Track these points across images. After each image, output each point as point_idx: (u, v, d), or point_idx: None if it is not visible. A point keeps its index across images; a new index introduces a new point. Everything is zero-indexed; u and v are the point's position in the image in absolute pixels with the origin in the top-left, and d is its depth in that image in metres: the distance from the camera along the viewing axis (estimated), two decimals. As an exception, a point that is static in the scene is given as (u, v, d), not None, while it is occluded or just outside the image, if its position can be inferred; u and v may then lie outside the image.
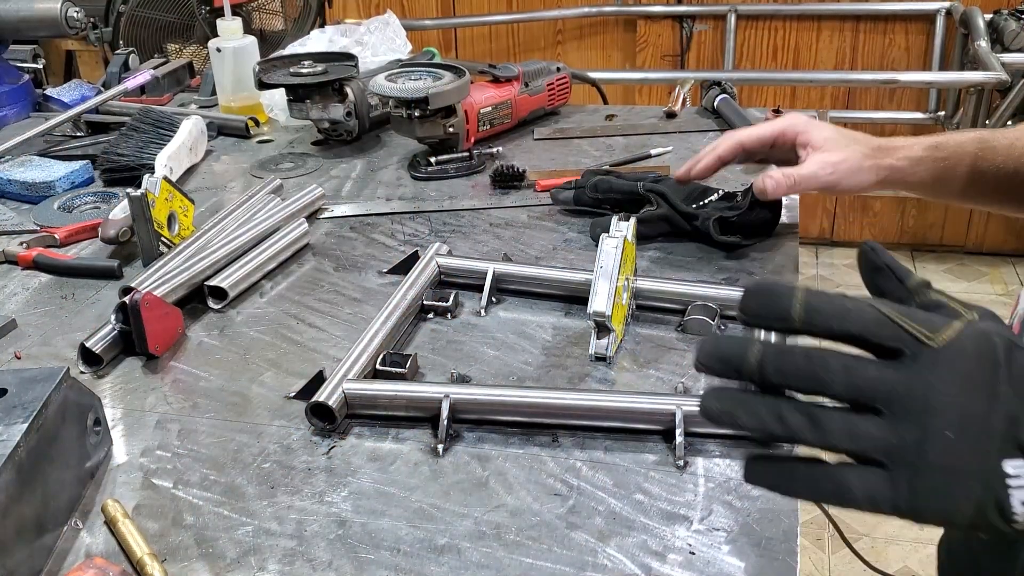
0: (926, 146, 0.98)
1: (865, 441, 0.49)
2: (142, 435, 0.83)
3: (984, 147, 0.96)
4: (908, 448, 0.49)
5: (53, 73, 2.95)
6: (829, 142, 0.98)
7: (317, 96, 1.45)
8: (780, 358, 0.50)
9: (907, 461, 0.49)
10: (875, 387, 0.49)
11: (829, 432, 0.49)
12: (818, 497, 0.51)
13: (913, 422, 0.49)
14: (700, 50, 3.63)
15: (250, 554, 0.69)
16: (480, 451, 0.78)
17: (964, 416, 0.49)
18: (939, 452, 0.49)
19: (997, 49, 2.89)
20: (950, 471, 0.49)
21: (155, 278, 1.00)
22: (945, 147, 0.97)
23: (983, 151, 0.95)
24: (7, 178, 1.36)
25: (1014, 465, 0.48)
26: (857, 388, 0.49)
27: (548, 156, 1.43)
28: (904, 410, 0.49)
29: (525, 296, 1.02)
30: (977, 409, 0.49)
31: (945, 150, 0.97)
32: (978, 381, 0.49)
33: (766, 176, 0.98)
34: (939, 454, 0.49)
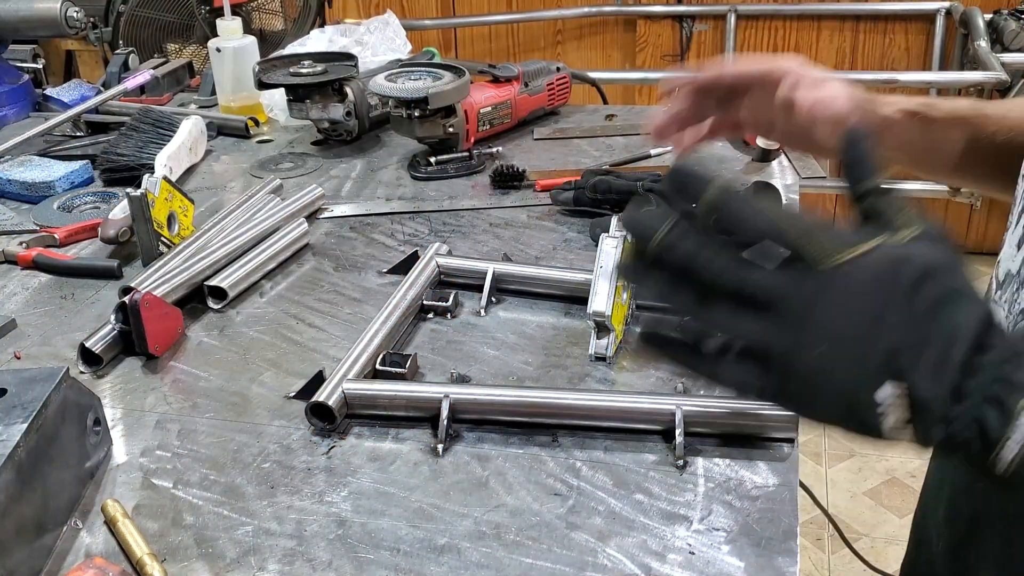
0: (919, 102, 0.91)
1: (743, 331, 0.53)
2: (142, 435, 0.83)
3: (978, 114, 0.90)
4: (781, 351, 0.52)
5: (53, 73, 2.95)
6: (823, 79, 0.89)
7: (317, 96, 1.45)
8: (680, 243, 0.54)
9: (778, 363, 0.52)
10: (763, 290, 0.52)
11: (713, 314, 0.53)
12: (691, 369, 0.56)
13: (790, 328, 0.52)
14: (700, 50, 3.63)
15: (250, 554, 0.69)
16: (480, 451, 0.78)
17: (840, 337, 0.51)
18: (808, 364, 0.51)
19: (997, 49, 2.89)
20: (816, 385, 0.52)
21: (155, 278, 1.00)
22: (939, 108, 0.91)
23: (977, 118, 0.90)
24: (7, 178, 1.36)
25: (882, 395, 0.50)
26: (745, 285, 0.52)
27: (548, 156, 1.43)
28: (785, 315, 0.52)
29: (525, 296, 1.02)
30: (854, 332, 0.51)
31: (939, 110, 0.90)
32: (863, 306, 0.51)
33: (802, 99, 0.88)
34: (808, 366, 0.52)
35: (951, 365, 0.49)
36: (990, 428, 0.48)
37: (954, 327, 0.50)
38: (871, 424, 0.51)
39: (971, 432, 0.49)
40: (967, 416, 0.49)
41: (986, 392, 0.49)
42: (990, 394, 0.49)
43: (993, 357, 0.50)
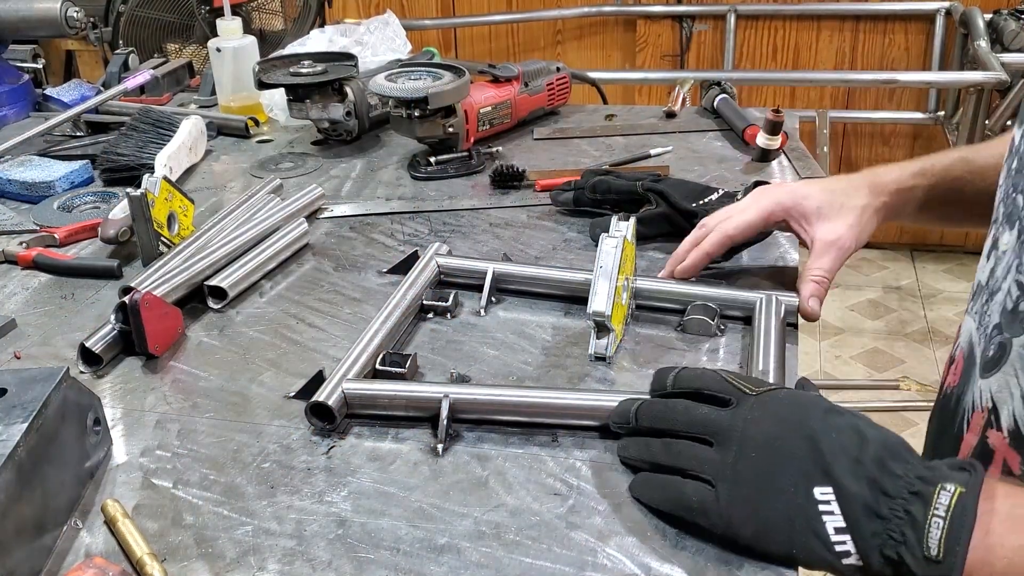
0: (913, 173, 0.94)
1: (697, 461, 0.66)
2: (142, 435, 0.83)
3: (969, 168, 0.93)
4: (727, 466, 0.65)
5: (53, 73, 2.96)
6: (824, 208, 0.92)
7: (317, 96, 1.45)
8: (646, 407, 0.73)
9: (726, 476, 0.64)
10: (706, 423, 0.68)
11: (673, 454, 0.68)
12: (665, 503, 0.68)
13: (731, 447, 0.65)
14: (700, 50, 3.63)
15: (250, 554, 0.69)
16: (480, 451, 0.78)
17: (769, 440, 0.64)
18: (749, 469, 0.64)
19: (997, 49, 2.89)
20: (758, 487, 0.63)
21: (155, 278, 1.00)
22: (931, 172, 0.93)
23: (969, 174, 0.92)
24: (7, 178, 1.36)
25: (822, 491, 0.60)
26: (693, 423, 0.68)
27: (548, 156, 1.43)
28: (726, 439, 0.66)
29: (525, 296, 1.02)
30: (781, 435, 0.64)
31: (931, 175, 0.93)
32: (785, 416, 0.65)
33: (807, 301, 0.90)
34: (749, 470, 0.64)
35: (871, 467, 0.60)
36: (916, 515, 0.58)
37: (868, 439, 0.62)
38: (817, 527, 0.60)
39: (904, 522, 0.58)
40: (899, 508, 0.58)
41: (910, 488, 0.59)
42: (915, 490, 0.59)
43: (915, 465, 0.60)
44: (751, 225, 0.95)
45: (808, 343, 3.07)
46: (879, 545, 0.59)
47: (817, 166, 1.34)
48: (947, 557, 0.56)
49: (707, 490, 0.65)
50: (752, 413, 0.66)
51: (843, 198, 0.93)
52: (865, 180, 0.94)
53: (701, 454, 0.67)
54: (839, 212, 0.92)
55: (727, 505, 0.64)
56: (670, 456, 0.69)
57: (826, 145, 2.53)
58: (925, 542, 0.57)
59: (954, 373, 0.84)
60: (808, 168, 1.33)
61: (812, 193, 0.94)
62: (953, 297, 3.35)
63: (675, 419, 0.70)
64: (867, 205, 0.92)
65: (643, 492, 0.71)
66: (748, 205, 0.96)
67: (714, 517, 0.65)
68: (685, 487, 0.67)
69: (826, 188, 0.95)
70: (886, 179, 0.94)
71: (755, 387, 0.69)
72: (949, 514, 0.57)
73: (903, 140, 3.60)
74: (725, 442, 0.66)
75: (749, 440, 0.65)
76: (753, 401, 0.67)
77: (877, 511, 0.59)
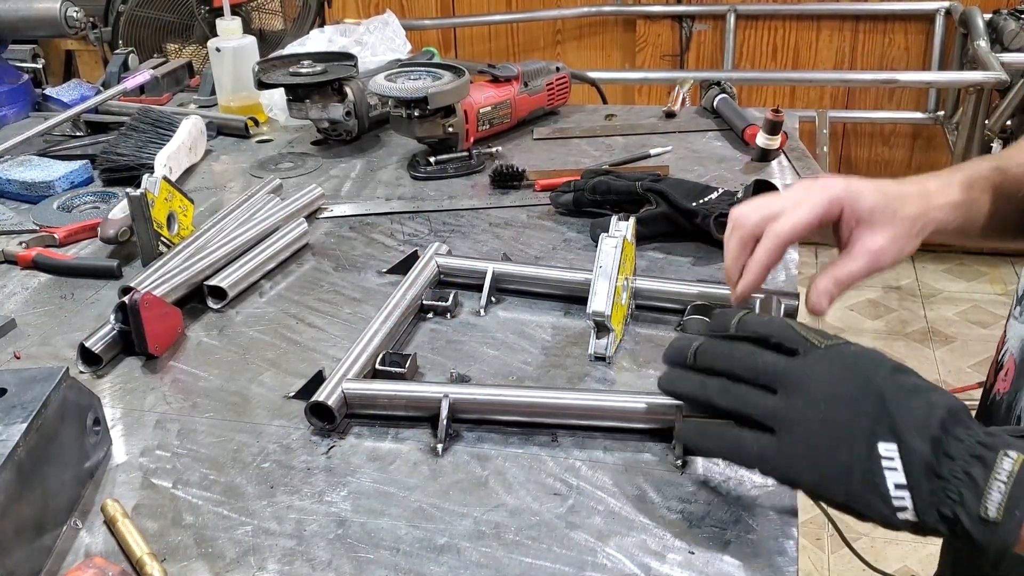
0: (961, 185, 0.85)
1: (758, 407, 0.65)
2: (141, 435, 0.83)
3: (1005, 178, 0.87)
4: (789, 416, 0.64)
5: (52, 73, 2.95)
6: (876, 212, 0.82)
7: (316, 96, 1.45)
8: (708, 346, 0.70)
9: (787, 426, 0.64)
10: (769, 368, 0.66)
11: (734, 396, 0.66)
12: (721, 451, 0.69)
13: (795, 397, 0.64)
14: (699, 50, 3.63)
15: (249, 554, 0.69)
16: (479, 451, 0.78)
17: (837, 392, 0.63)
18: (814, 418, 0.63)
19: (996, 49, 2.89)
20: (822, 436, 0.63)
21: (154, 278, 1.00)
22: (976, 183, 0.86)
23: (1005, 183, 0.87)
24: (6, 178, 1.36)
25: (887, 447, 0.61)
26: (756, 368, 0.66)
27: (547, 156, 1.43)
28: (789, 388, 0.65)
29: (524, 296, 1.02)
30: (848, 390, 0.63)
31: (976, 187, 0.86)
32: (853, 371, 0.64)
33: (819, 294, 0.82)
34: (814, 420, 0.63)
35: (934, 427, 0.60)
36: (977, 477, 0.58)
37: (934, 400, 0.62)
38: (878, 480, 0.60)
39: (963, 483, 0.59)
40: (959, 470, 0.59)
41: (972, 452, 0.59)
42: (976, 453, 0.59)
43: (976, 431, 0.61)
44: (809, 224, 0.81)
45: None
46: (936, 503, 0.60)
47: (817, 166, 1.34)
48: (1005, 520, 0.58)
49: (767, 438, 0.65)
50: (820, 365, 0.65)
51: (897, 203, 0.83)
52: (915, 189, 0.85)
53: (764, 400, 0.65)
54: (890, 220, 0.82)
55: (788, 453, 0.64)
56: (730, 398, 0.67)
57: (826, 145, 2.53)
58: (984, 504, 0.58)
59: (1004, 379, 0.82)
60: (808, 168, 1.33)
61: (865, 192, 0.83)
62: (953, 297, 3.35)
63: (740, 362, 0.68)
64: (918, 216, 0.83)
65: (697, 439, 0.70)
66: (799, 199, 0.82)
67: (773, 465, 0.65)
68: (744, 435, 0.66)
69: (879, 189, 0.84)
70: (934, 191, 0.85)
71: (823, 339, 0.67)
72: (1012, 480, 0.58)
73: (903, 140, 3.60)
74: (791, 391, 0.65)
75: (816, 390, 0.64)
76: (822, 353, 0.66)
77: (938, 471, 0.60)
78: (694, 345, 0.71)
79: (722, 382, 0.68)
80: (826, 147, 2.52)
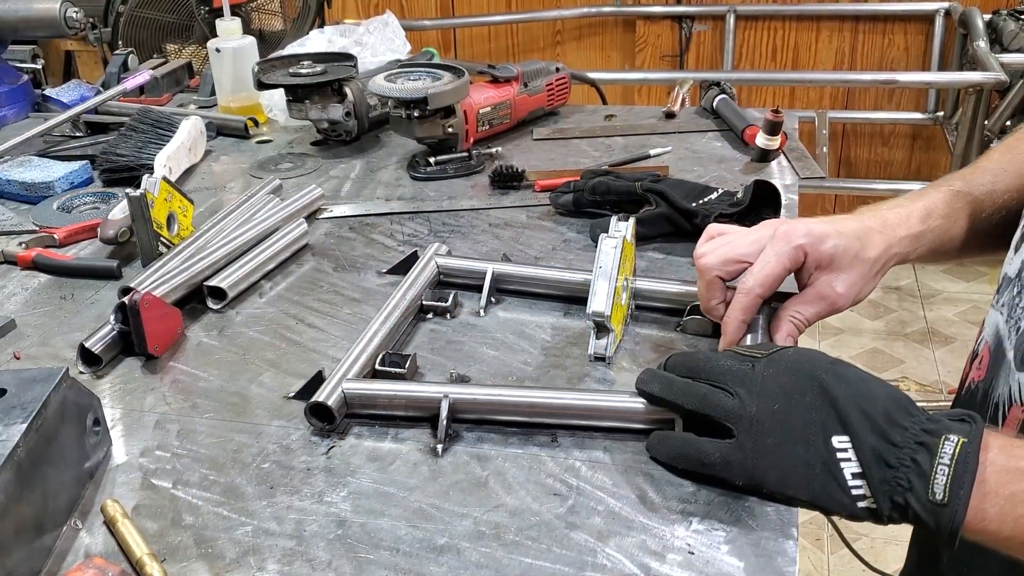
0: (920, 217, 0.88)
1: (718, 407, 0.70)
2: (141, 435, 0.83)
3: (969, 201, 0.89)
4: (747, 416, 0.68)
5: (52, 73, 2.96)
6: (837, 256, 0.84)
7: (316, 96, 1.45)
8: (676, 358, 0.77)
9: (747, 427, 0.68)
10: (728, 372, 0.72)
11: (697, 397, 0.72)
12: (685, 461, 0.72)
13: (751, 398, 0.69)
14: (699, 50, 3.63)
15: (249, 554, 0.69)
16: (479, 451, 0.78)
17: (787, 392, 0.68)
18: (770, 420, 0.68)
19: (996, 49, 2.89)
20: (779, 436, 0.67)
21: (154, 278, 1.00)
22: (936, 213, 0.89)
23: (969, 205, 0.89)
24: (6, 178, 1.36)
25: (840, 439, 0.65)
26: (716, 370, 0.72)
27: (547, 156, 1.43)
28: (746, 391, 0.70)
29: (524, 296, 1.02)
30: (796, 387, 0.68)
31: (937, 216, 0.88)
32: (796, 369, 0.69)
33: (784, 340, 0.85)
34: (770, 421, 0.68)
35: (880, 418, 0.65)
36: (922, 463, 0.63)
37: (876, 392, 0.67)
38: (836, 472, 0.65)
39: (910, 470, 0.63)
40: (906, 457, 0.63)
41: (916, 439, 0.64)
42: (920, 440, 0.63)
43: (919, 417, 0.65)
44: (778, 277, 0.84)
45: (807, 343, 3.06)
46: (889, 491, 0.63)
47: (816, 166, 1.35)
48: (951, 501, 0.62)
49: (727, 444, 0.69)
50: (767, 369, 0.70)
51: (857, 245, 0.85)
52: (875, 224, 0.87)
53: (721, 400, 0.70)
54: (850, 264, 0.84)
55: (751, 455, 0.68)
56: (693, 398, 0.72)
57: (825, 145, 2.53)
58: (931, 488, 0.62)
59: (979, 368, 0.84)
60: (807, 168, 1.33)
61: (828, 235, 0.84)
62: (952, 297, 3.35)
63: (699, 366, 0.74)
64: (878, 258, 0.85)
65: (660, 450, 0.75)
66: (764, 253, 0.84)
67: (737, 468, 0.69)
68: (703, 444, 0.70)
69: (840, 231, 0.85)
70: (894, 223, 0.87)
71: (765, 351, 0.73)
72: (953, 462, 0.62)
73: (902, 140, 3.60)
74: (746, 394, 0.69)
75: (767, 393, 0.69)
76: (766, 360, 0.71)
77: (887, 460, 0.64)
78: (660, 362, 0.79)
79: (686, 383, 0.74)
80: (826, 147, 2.52)
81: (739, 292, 0.85)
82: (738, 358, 0.73)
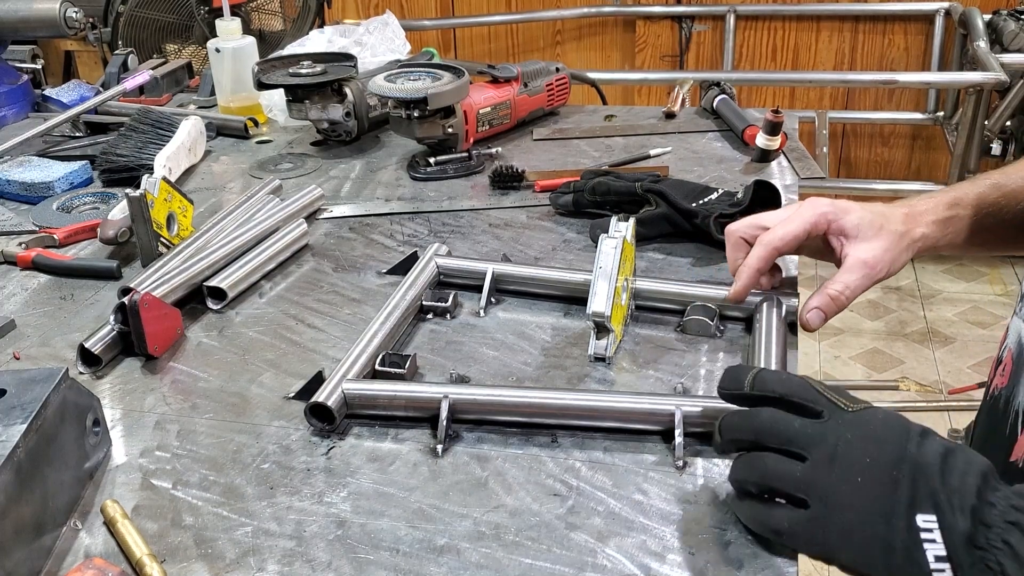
0: (947, 204, 0.90)
1: (785, 478, 0.63)
2: (141, 436, 0.83)
3: (1003, 193, 0.90)
4: (822, 487, 0.62)
5: (52, 73, 2.96)
6: (863, 227, 0.87)
7: (316, 96, 1.45)
8: (730, 419, 0.69)
9: (821, 498, 0.62)
10: (796, 435, 0.64)
11: (760, 472, 0.65)
12: (755, 524, 0.66)
13: (827, 466, 0.62)
14: (699, 50, 3.63)
15: (249, 555, 0.69)
16: (479, 451, 0.78)
17: (871, 465, 0.61)
18: (849, 492, 0.61)
19: (996, 49, 2.89)
20: (859, 511, 0.61)
21: (154, 279, 1.00)
22: (965, 202, 0.90)
23: (1003, 198, 0.90)
24: (6, 178, 1.36)
25: (925, 519, 0.59)
26: (780, 435, 0.64)
27: (547, 156, 1.43)
28: (819, 456, 0.62)
29: (524, 297, 1.02)
30: (883, 459, 0.61)
31: (966, 205, 0.90)
32: (883, 439, 0.62)
33: (809, 310, 0.87)
34: (848, 494, 0.61)
35: (970, 496, 0.59)
36: (1015, 545, 0.57)
37: (966, 467, 0.60)
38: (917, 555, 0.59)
39: (1002, 552, 0.57)
40: (996, 539, 0.58)
41: (1006, 518, 0.58)
42: (1011, 519, 0.58)
43: (1005, 492, 0.60)
44: (796, 236, 0.87)
45: (808, 343, 3.07)
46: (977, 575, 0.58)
47: (816, 166, 1.34)
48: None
49: (799, 513, 0.63)
50: (849, 431, 0.64)
51: (883, 220, 0.88)
52: (902, 210, 0.90)
53: (792, 470, 0.64)
54: (878, 233, 0.87)
55: (823, 527, 0.62)
56: (756, 474, 0.66)
57: (825, 145, 2.53)
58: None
59: (1002, 375, 0.83)
60: (807, 168, 1.33)
61: (852, 208, 0.88)
62: (952, 298, 3.35)
63: (764, 431, 0.66)
64: (906, 232, 0.88)
65: (739, 510, 0.68)
66: (788, 215, 0.89)
67: (806, 541, 0.63)
68: (773, 510, 0.65)
69: (865, 207, 0.89)
70: (921, 209, 0.90)
71: (849, 403, 0.66)
72: None
73: (902, 140, 3.60)
74: (821, 460, 0.63)
75: (848, 462, 0.62)
76: (851, 418, 0.64)
77: (975, 541, 0.59)
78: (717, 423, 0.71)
79: (747, 458, 0.67)
80: (826, 148, 2.52)
81: (757, 243, 0.88)
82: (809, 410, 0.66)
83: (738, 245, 0.90)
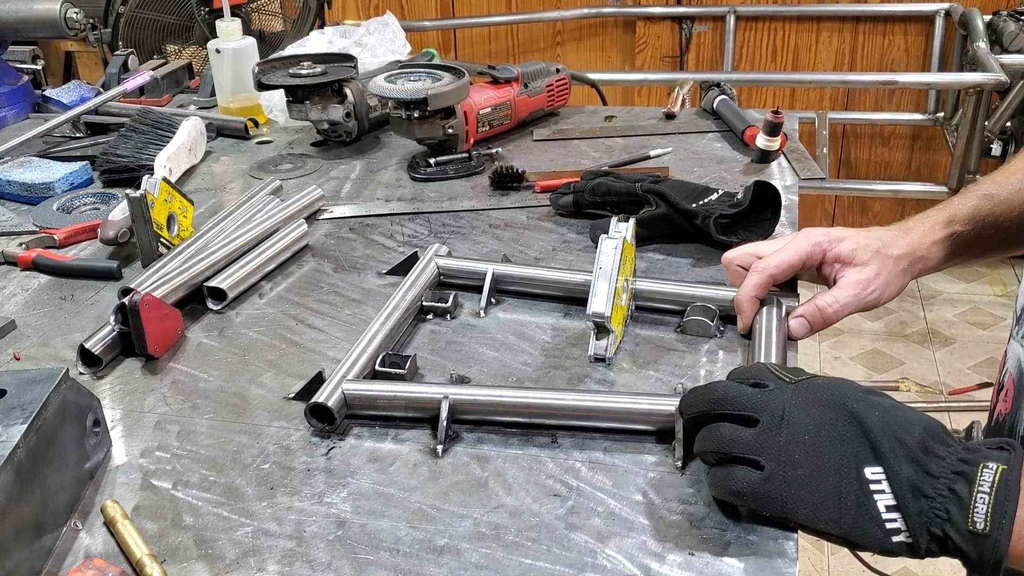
0: (944, 223, 0.90)
1: (740, 443, 0.67)
2: (141, 436, 0.83)
3: (995, 203, 0.90)
4: (773, 447, 0.66)
5: (52, 74, 2.96)
6: (859, 252, 0.88)
7: (316, 97, 1.46)
8: (692, 393, 0.73)
9: (775, 458, 0.65)
10: (747, 401, 0.68)
11: (718, 441, 0.68)
12: (721, 491, 0.69)
13: (776, 427, 0.66)
14: (699, 51, 3.63)
15: (249, 555, 0.69)
16: (479, 452, 0.78)
17: (818, 422, 0.66)
18: (800, 450, 0.65)
19: (996, 50, 2.89)
20: (810, 467, 0.64)
21: (154, 279, 1.00)
22: (959, 217, 0.91)
23: (996, 207, 0.90)
24: (6, 179, 1.36)
25: (873, 471, 0.63)
26: (735, 402, 0.69)
27: (547, 157, 1.43)
28: (769, 418, 0.67)
29: (524, 297, 1.02)
30: (828, 417, 0.65)
31: (962, 221, 0.90)
32: (827, 399, 0.67)
33: (792, 318, 0.89)
34: (800, 451, 0.65)
35: (914, 448, 0.63)
36: (961, 493, 0.60)
37: (908, 422, 0.64)
38: (868, 505, 0.62)
39: (948, 500, 0.60)
40: (943, 487, 0.61)
41: (953, 469, 0.62)
42: (958, 470, 0.61)
43: (956, 447, 0.63)
44: (792, 264, 0.89)
45: (807, 344, 3.07)
46: (925, 523, 0.61)
47: (816, 167, 1.34)
48: (993, 530, 0.59)
49: (755, 473, 0.66)
50: (796, 397, 0.68)
51: (879, 244, 0.89)
52: (898, 233, 0.91)
53: (744, 435, 0.67)
54: (873, 256, 0.88)
55: (781, 486, 0.65)
56: (711, 443, 0.69)
57: (825, 146, 2.53)
58: (971, 517, 0.60)
59: (1005, 400, 0.83)
60: (807, 169, 1.33)
61: (847, 235, 0.90)
62: (952, 299, 3.35)
63: (715, 399, 0.70)
64: (902, 256, 0.89)
65: (708, 481, 0.71)
66: (784, 244, 0.91)
67: (764, 500, 0.65)
68: (733, 472, 0.67)
69: (860, 233, 0.90)
70: (917, 232, 0.91)
71: (794, 376, 0.70)
72: (993, 490, 0.60)
73: (902, 141, 3.60)
74: (770, 422, 0.67)
75: (797, 422, 0.66)
76: (793, 387, 0.69)
77: (922, 490, 0.61)
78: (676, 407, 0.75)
79: (705, 430, 0.70)
80: (826, 148, 2.52)
81: (752, 270, 0.90)
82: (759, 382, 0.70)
83: (736, 274, 0.93)
